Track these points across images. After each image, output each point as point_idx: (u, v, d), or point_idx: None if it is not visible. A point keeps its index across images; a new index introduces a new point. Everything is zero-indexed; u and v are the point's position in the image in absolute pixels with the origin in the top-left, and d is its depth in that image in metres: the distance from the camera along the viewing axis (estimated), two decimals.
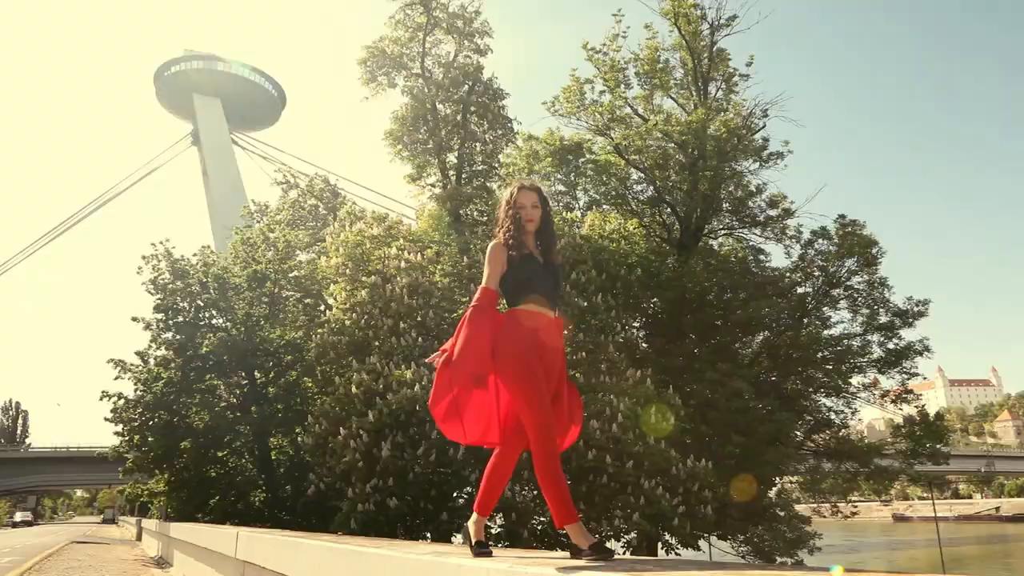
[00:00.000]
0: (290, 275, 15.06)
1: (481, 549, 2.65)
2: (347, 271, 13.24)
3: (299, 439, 13.06)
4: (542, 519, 12.02)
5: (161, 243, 14.69)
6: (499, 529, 12.03)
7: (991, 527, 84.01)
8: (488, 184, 15.60)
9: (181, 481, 14.07)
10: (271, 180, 20.29)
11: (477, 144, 15.73)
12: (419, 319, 12.55)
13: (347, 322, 12.73)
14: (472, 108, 15.53)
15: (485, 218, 14.53)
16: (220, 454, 14.29)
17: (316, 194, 18.88)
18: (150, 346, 14.28)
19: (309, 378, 14.02)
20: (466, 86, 15.70)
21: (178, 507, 14.65)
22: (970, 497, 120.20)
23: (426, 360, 3.16)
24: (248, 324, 14.01)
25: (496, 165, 16.13)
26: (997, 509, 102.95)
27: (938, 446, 17.89)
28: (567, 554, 2.66)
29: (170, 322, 14.10)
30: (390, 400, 10.89)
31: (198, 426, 13.75)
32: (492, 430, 2.99)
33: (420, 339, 12.39)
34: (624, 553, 13.40)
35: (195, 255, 15.02)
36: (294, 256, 15.89)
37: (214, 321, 14.53)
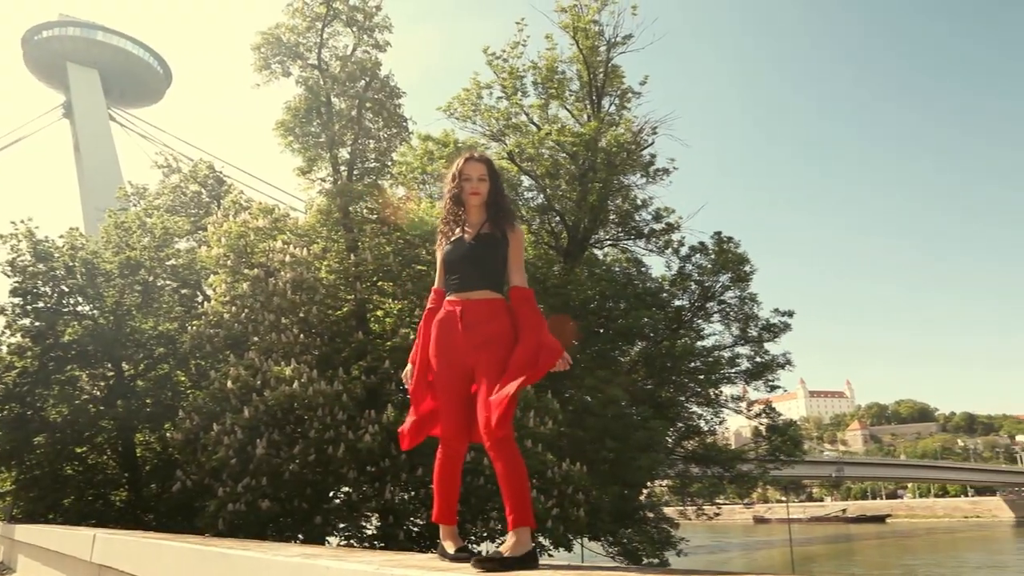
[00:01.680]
0: (167, 263, 14.38)
1: (459, 554, 2.65)
2: (228, 262, 12.79)
3: (168, 435, 12.50)
4: (419, 521, 12.07)
5: (23, 222, 13.69)
6: (374, 531, 11.99)
7: (838, 527, 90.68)
8: (380, 182, 15.45)
9: (32, 480, 13.10)
10: (151, 162, 19.20)
11: (371, 141, 15.54)
12: (302, 315, 12.30)
13: (226, 315, 12.31)
14: (368, 104, 15.33)
15: (375, 216, 14.40)
16: (79, 450, 13.44)
17: (200, 180, 18.06)
18: (3, 333, 13.27)
19: (182, 372, 13.45)
20: (363, 81, 15.49)
21: (27, 508, 13.64)
22: (822, 500, 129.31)
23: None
24: (118, 313, 13.28)
25: (389, 163, 15.99)
26: (844, 511, 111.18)
27: (794, 452, 19.23)
28: (436, 555, 2.75)
29: (28, 307, 13.15)
30: (267, 397, 10.64)
31: (55, 420, 12.87)
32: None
33: (302, 335, 12.16)
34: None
35: (62, 237, 14.09)
36: (172, 244, 15.18)
37: (80, 308, 13.68)
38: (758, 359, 19.29)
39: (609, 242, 20.21)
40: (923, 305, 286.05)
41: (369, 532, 12.08)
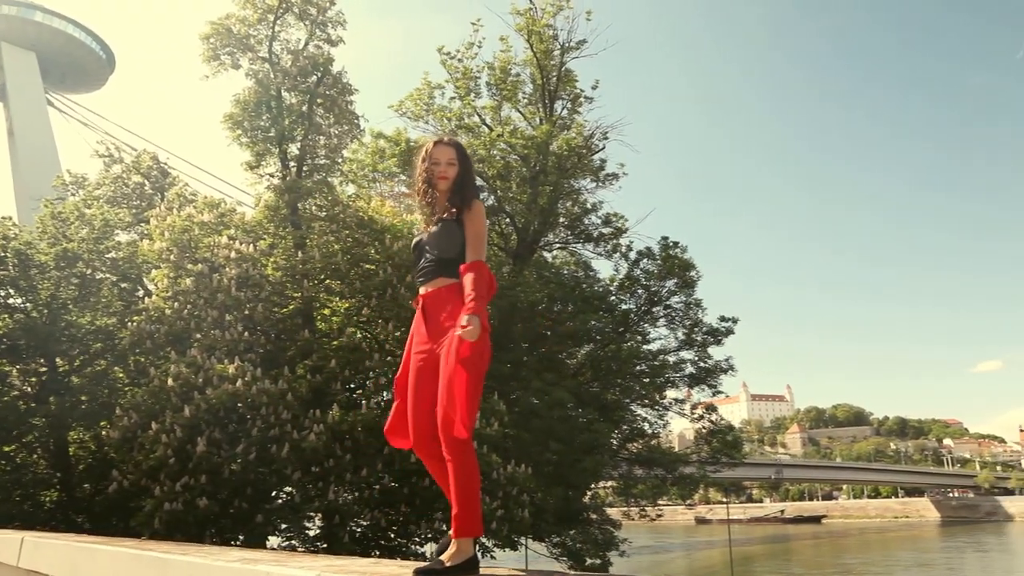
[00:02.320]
0: (106, 256, 13.93)
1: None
2: (171, 257, 12.49)
3: (104, 434, 12.12)
4: (363, 522, 12.00)
5: None
6: (317, 531, 11.87)
7: (776, 528, 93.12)
8: (330, 179, 15.29)
9: None
10: (92, 151, 18.57)
11: (321, 138, 15.36)
12: (247, 312, 12.09)
13: (168, 311, 12.01)
14: (319, 100, 15.15)
15: (324, 213, 14.25)
16: (7, 449, 12.91)
17: (143, 171, 17.56)
18: None
19: (120, 368, 13.06)
20: (314, 77, 15.30)
21: None
22: (762, 501, 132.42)
23: None
24: (53, 306, 12.81)
25: (340, 161, 15.84)
26: (782, 512, 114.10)
27: (734, 456, 19.70)
28: (377, 559, 2.76)
29: None
30: (209, 395, 10.44)
31: None
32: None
33: (247, 333, 11.95)
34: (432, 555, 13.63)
35: None
36: (112, 236, 14.72)
37: (10, 301, 13.16)
38: (702, 363, 19.71)
39: (558, 245, 20.42)
40: (861, 314, 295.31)
41: (312, 533, 11.95)
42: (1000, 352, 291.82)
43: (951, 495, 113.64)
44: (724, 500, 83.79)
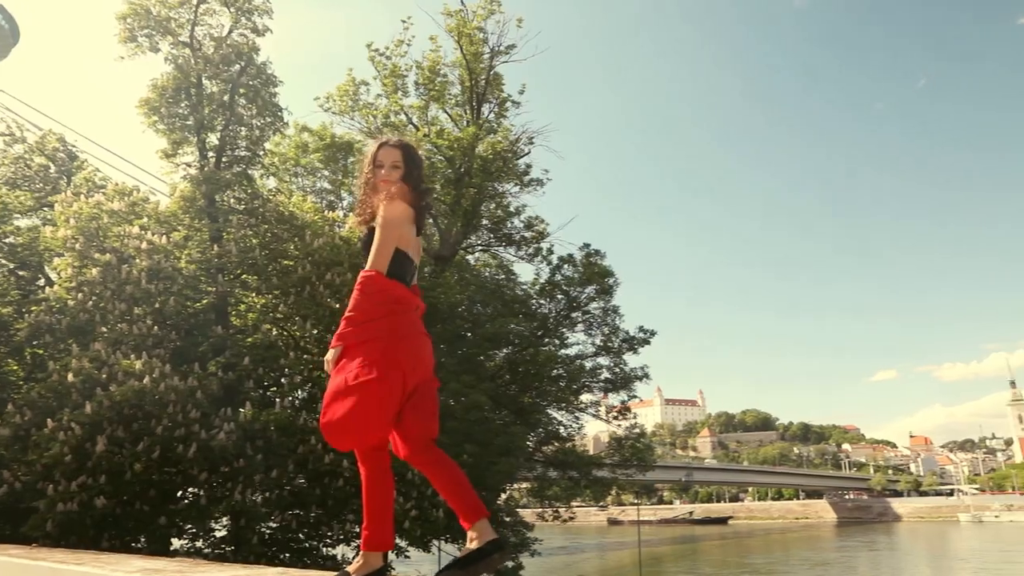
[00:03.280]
0: (4, 241, 13.20)
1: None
2: (77, 246, 11.90)
3: None
4: (272, 524, 11.76)
5: None
6: (224, 532, 11.56)
7: (685, 529, 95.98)
8: (250, 171, 14.90)
9: None
10: None
11: (242, 128, 14.94)
12: (157, 306, 11.65)
13: (71, 302, 11.44)
14: (241, 90, 14.75)
15: (243, 206, 13.88)
16: None
17: (48, 153, 16.67)
18: None
19: (15, 362, 12.38)
20: (237, 66, 14.88)
21: None
22: (672, 503, 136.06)
23: None
24: None
25: (261, 153, 15.46)
26: (691, 513, 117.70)
27: (646, 460, 20.22)
28: (284, 569, 2.74)
29: None
30: (113, 391, 10.00)
31: None
32: None
33: (156, 328, 11.52)
34: (355, 556, 13.50)
35: None
36: (11, 220, 13.96)
37: None
38: (617, 369, 20.14)
39: (481, 247, 20.51)
40: (771, 326, 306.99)
41: (219, 535, 11.62)
42: (895, 362, 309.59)
43: (847, 497, 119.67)
44: (636, 502, 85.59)
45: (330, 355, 2.43)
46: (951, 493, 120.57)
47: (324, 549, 12.65)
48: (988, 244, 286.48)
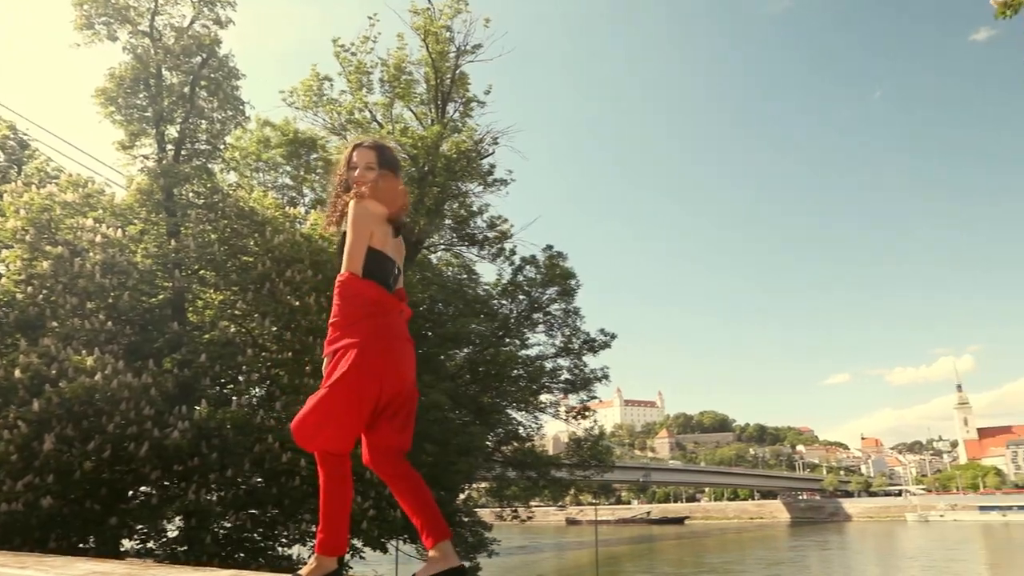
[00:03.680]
0: None
1: None
2: (27, 237, 11.58)
3: None
4: (226, 524, 11.59)
5: None
6: (176, 531, 11.37)
7: (643, 529, 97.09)
8: (210, 165, 14.66)
9: None
10: None
11: (203, 121, 14.69)
12: (111, 301, 11.41)
13: (19, 295, 11.13)
14: (203, 82, 14.51)
15: (202, 201, 13.65)
16: None
17: None
18: None
19: None
20: (199, 57, 14.63)
21: None
22: (630, 503, 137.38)
23: None
24: None
25: (222, 147, 15.22)
26: (649, 513, 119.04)
27: (604, 461, 20.39)
28: (237, 572, 2.72)
29: None
30: (63, 388, 9.77)
31: None
32: None
33: (110, 323, 11.26)
34: (310, 557, 13.38)
35: None
36: None
37: None
38: (577, 371, 20.28)
39: (443, 247, 20.45)
40: (732, 330, 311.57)
41: (172, 535, 11.42)
42: (849, 366, 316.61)
43: (801, 498, 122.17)
44: (594, 502, 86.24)
45: (325, 364, 2.41)
46: (899, 493, 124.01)
47: (280, 549, 12.51)
48: (939, 251, 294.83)
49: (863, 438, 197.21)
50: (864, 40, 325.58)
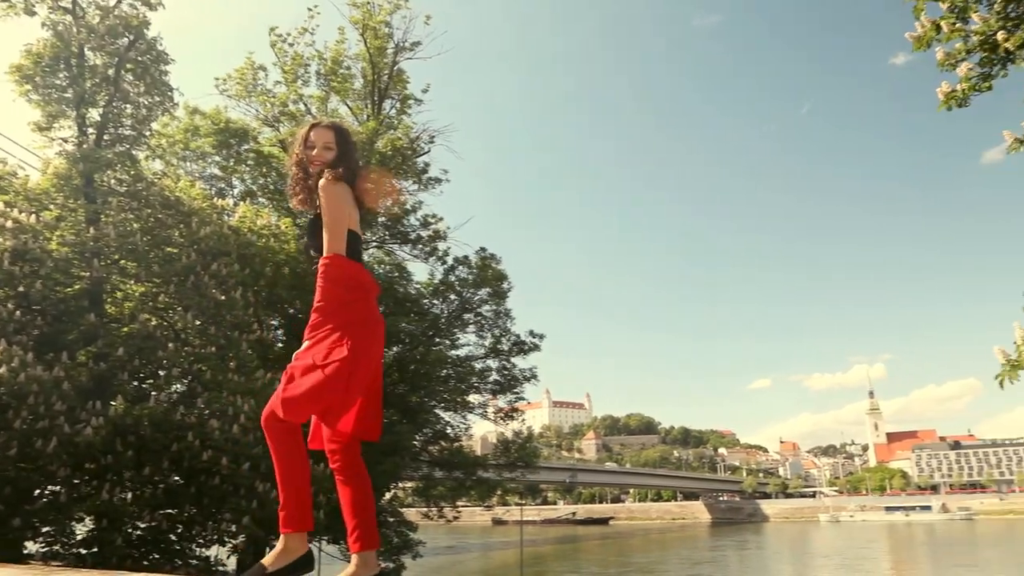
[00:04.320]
0: None
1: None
2: None
3: None
4: (140, 524, 11.18)
5: None
6: (87, 534, 10.91)
7: (568, 529, 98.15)
8: (134, 152, 14.13)
9: None
10: None
11: (128, 106, 14.14)
12: (22, 289, 10.88)
13: None
14: (129, 65, 13.97)
15: (124, 188, 13.15)
16: None
17: None
18: None
19: None
20: (126, 39, 14.09)
21: None
22: (556, 504, 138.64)
23: None
24: None
25: (147, 133, 14.69)
26: (574, 514, 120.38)
27: (531, 462, 20.56)
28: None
29: None
30: None
31: None
32: None
33: (19, 313, 10.74)
34: (229, 558, 13.03)
35: None
36: None
37: None
38: (506, 371, 20.38)
39: (375, 244, 20.23)
40: (659, 336, 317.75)
41: (80, 537, 10.95)
42: (770, 372, 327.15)
43: (721, 499, 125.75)
44: (520, 502, 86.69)
45: (305, 347, 2.34)
46: (814, 495, 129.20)
47: (197, 550, 12.15)
48: (858, 262, 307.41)
49: (782, 442, 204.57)
50: (792, 56, 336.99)
